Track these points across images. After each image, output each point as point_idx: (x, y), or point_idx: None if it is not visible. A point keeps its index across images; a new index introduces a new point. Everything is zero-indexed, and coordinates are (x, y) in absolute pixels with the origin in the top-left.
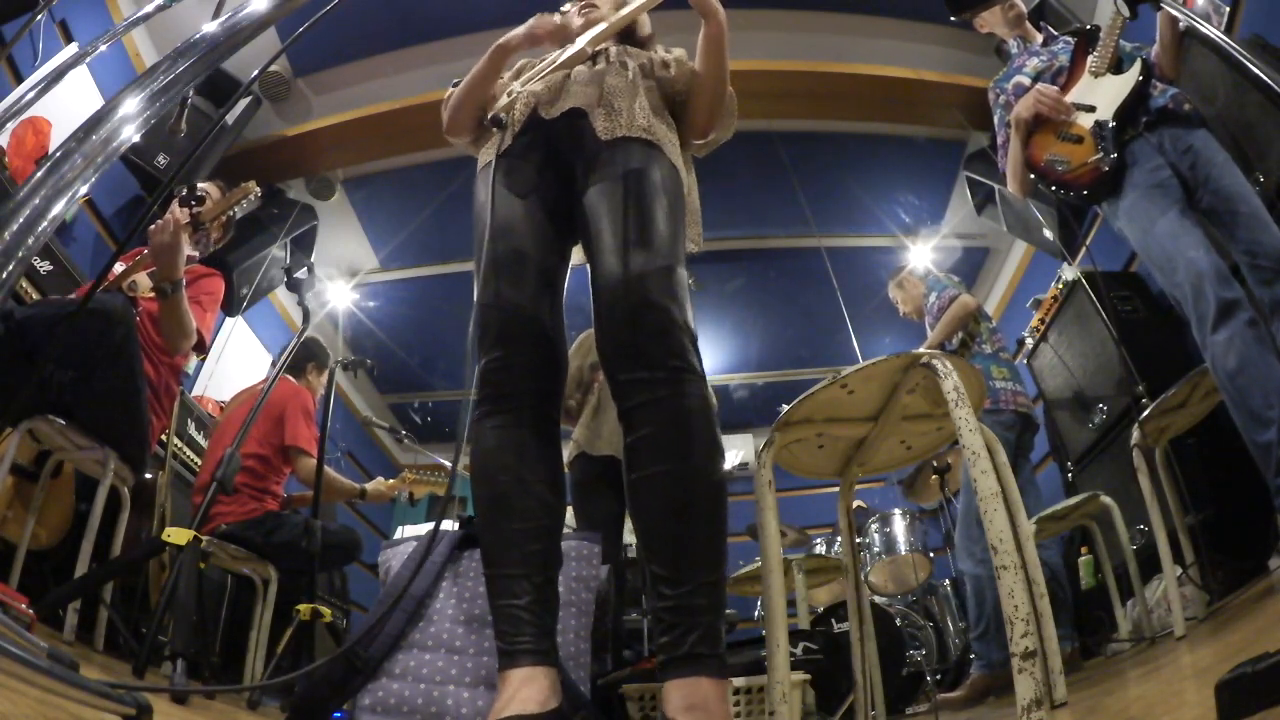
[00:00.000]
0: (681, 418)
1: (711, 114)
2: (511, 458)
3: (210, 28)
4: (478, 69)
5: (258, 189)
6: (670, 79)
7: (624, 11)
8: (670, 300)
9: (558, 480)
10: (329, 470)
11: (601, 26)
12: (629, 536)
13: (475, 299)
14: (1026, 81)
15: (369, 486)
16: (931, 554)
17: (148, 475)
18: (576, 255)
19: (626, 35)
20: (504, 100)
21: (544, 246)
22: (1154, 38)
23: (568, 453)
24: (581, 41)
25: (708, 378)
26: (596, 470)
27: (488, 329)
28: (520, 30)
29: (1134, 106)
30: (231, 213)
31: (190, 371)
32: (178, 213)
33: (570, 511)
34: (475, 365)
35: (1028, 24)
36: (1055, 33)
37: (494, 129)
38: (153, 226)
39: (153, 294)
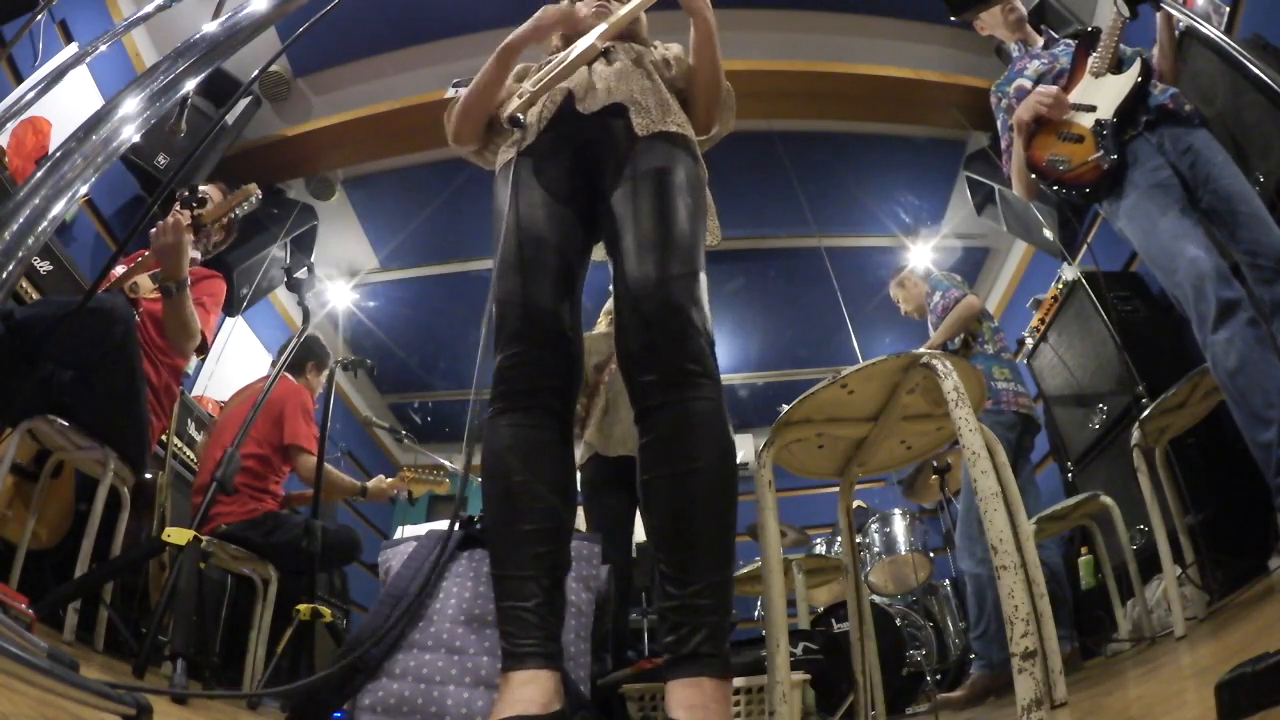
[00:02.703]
0: (695, 421)
1: (709, 110)
2: (524, 458)
3: (210, 28)
4: (485, 73)
5: (258, 192)
6: (672, 77)
7: (630, 5)
8: (691, 306)
9: (569, 482)
10: (330, 468)
11: (607, 23)
12: (636, 536)
13: (493, 294)
14: (1028, 85)
15: (370, 484)
16: (931, 554)
17: (148, 475)
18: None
19: (628, 34)
20: (516, 101)
21: (565, 243)
22: (1154, 39)
23: (580, 454)
24: (591, 37)
25: None
26: (609, 471)
27: (505, 325)
28: (526, 25)
29: (1134, 105)
30: (233, 214)
31: (190, 371)
32: (180, 214)
33: (581, 511)
34: (491, 361)
35: (1028, 27)
36: (1056, 36)
37: (513, 129)
38: (155, 229)
39: (154, 295)
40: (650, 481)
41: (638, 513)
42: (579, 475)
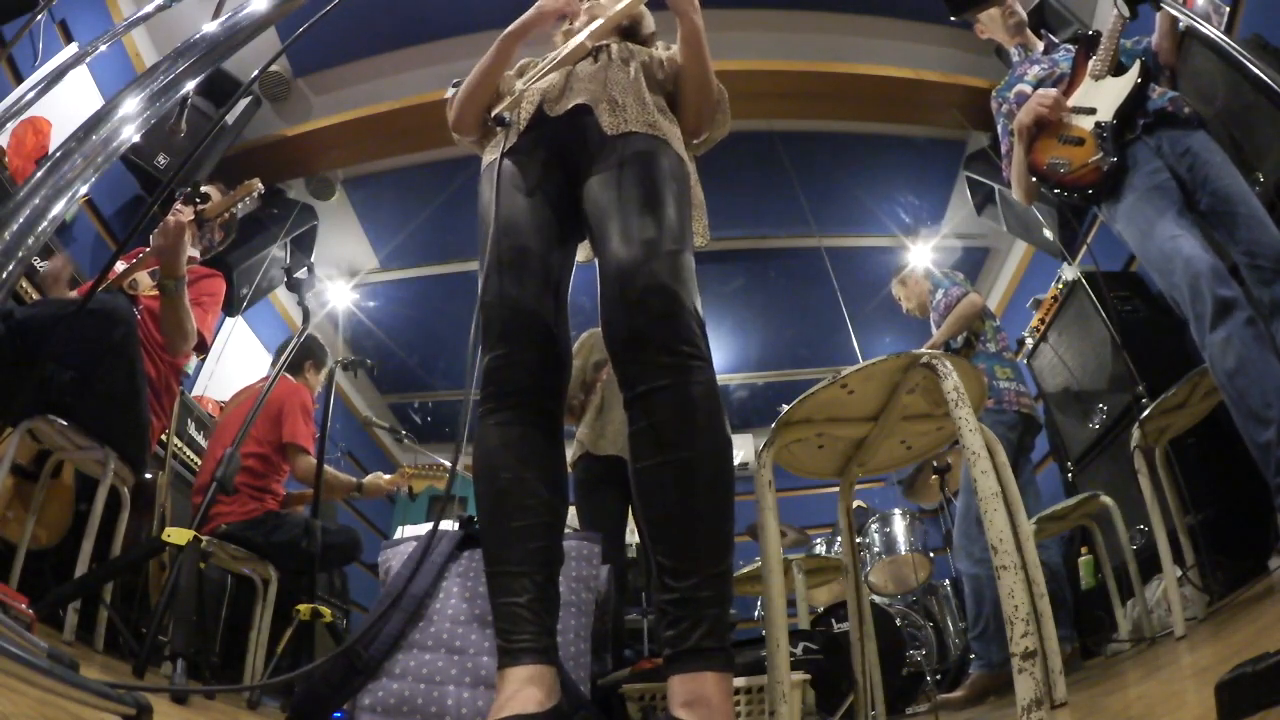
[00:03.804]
0: (688, 405)
1: (699, 113)
2: (514, 455)
3: (210, 28)
4: (486, 61)
5: (260, 187)
6: (665, 79)
7: (620, 6)
8: (678, 284)
9: (559, 478)
10: (325, 466)
11: (600, 21)
12: (631, 536)
13: (479, 296)
14: (1028, 90)
15: (365, 481)
16: (931, 554)
17: (148, 475)
18: (580, 254)
19: (628, 33)
20: (508, 99)
21: (548, 243)
22: (1152, 30)
23: (572, 453)
24: (581, 36)
25: None
26: (600, 470)
27: (491, 326)
28: (528, 14)
29: (1133, 107)
30: (234, 211)
31: (190, 371)
32: (182, 210)
33: (573, 511)
34: (478, 363)
35: (1028, 32)
36: (1056, 40)
37: (499, 127)
38: (157, 228)
39: (153, 292)
40: (645, 469)
41: (629, 511)
42: (570, 475)
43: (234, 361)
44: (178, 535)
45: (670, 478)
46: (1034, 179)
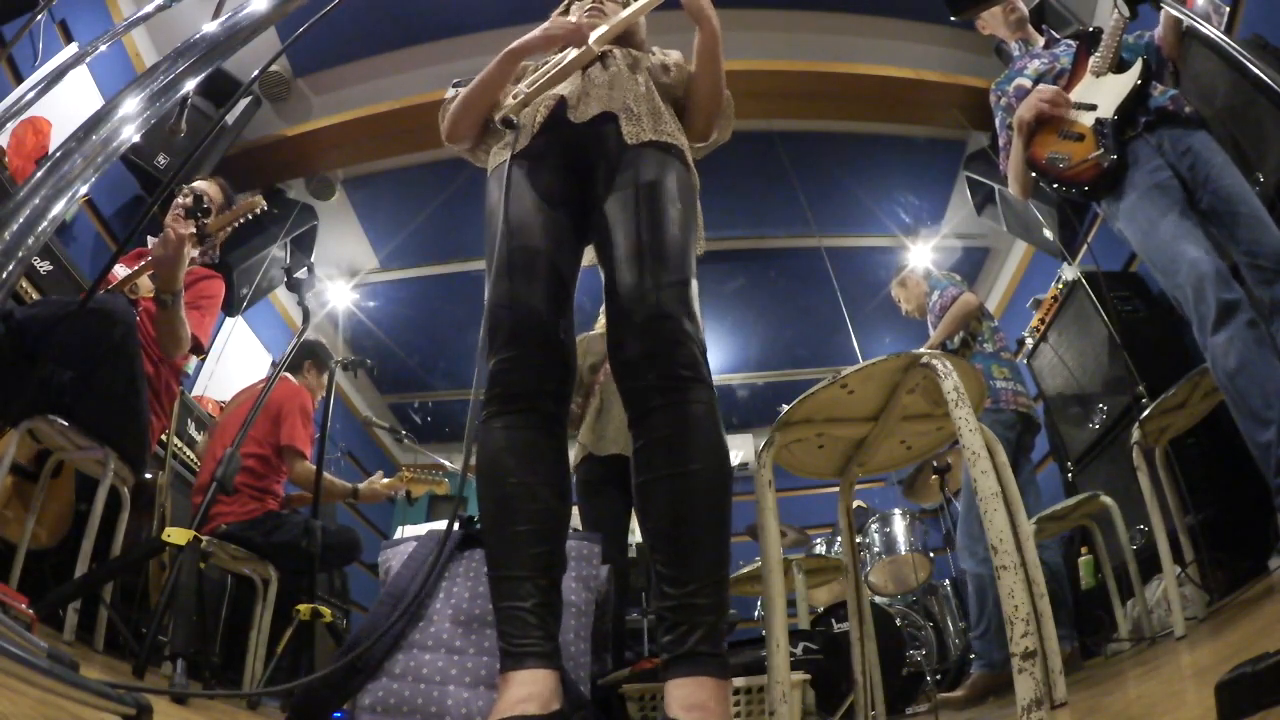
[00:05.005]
0: (689, 424)
1: (709, 118)
2: (518, 459)
3: (210, 28)
4: (487, 74)
5: (264, 204)
6: (671, 84)
7: (629, 10)
8: (683, 313)
9: (564, 482)
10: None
11: (605, 27)
12: (633, 537)
13: (486, 298)
14: (1028, 84)
15: (362, 486)
16: (931, 554)
17: (148, 475)
18: (585, 258)
19: (625, 39)
20: (511, 102)
21: (558, 247)
22: (1154, 27)
23: (574, 455)
24: (588, 41)
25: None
26: (603, 470)
27: (498, 329)
28: (535, 33)
29: (1134, 105)
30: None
31: (190, 371)
32: (183, 225)
33: (576, 511)
34: (485, 365)
35: (1029, 27)
36: (1057, 36)
37: (505, 130)
38: (156, 239)
39: (153, 296)
40: (646, 484)
41: (632, 511)
42: (573, 476)
43: (234, 361)
44: (178, 535)
45: (670, 493)
46: (1032, 174)
